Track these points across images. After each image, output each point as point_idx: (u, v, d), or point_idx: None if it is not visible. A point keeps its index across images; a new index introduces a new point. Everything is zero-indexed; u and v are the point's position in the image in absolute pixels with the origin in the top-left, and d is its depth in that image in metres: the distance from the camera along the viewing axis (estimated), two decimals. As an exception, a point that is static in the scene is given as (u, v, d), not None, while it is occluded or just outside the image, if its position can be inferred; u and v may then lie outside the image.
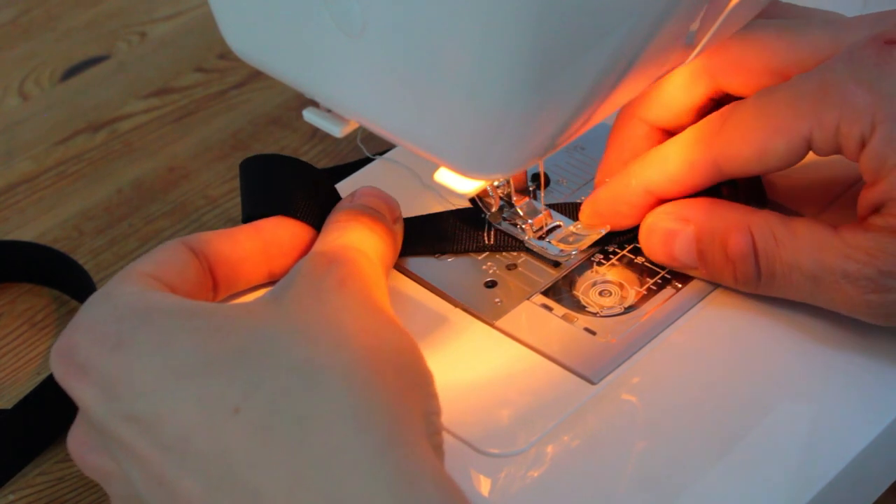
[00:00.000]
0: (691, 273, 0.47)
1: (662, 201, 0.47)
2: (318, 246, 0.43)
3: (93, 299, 0.40)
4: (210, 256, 0.44)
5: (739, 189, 0.47)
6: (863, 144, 0.42)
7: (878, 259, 0.42)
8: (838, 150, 0.43)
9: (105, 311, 0.39)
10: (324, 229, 0.45)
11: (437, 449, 0.39)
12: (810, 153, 0.44)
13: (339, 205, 0.46)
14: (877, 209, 0.43)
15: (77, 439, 0.40)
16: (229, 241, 0.45)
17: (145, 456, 0.36)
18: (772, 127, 0.43)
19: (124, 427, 0.37)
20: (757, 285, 0.45)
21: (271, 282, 0.46)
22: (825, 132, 0.42)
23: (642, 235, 0.47)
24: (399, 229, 0.47)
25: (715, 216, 0.45)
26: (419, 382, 0.39)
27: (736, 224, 0.45)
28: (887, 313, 0.43)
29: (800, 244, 0.43)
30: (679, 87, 0.47)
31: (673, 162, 0.46)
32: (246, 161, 0.49)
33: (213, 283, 0.44)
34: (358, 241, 0.43)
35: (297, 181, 0.47)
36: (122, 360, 0.37)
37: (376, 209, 0.46)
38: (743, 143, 0.44)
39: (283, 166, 0.48)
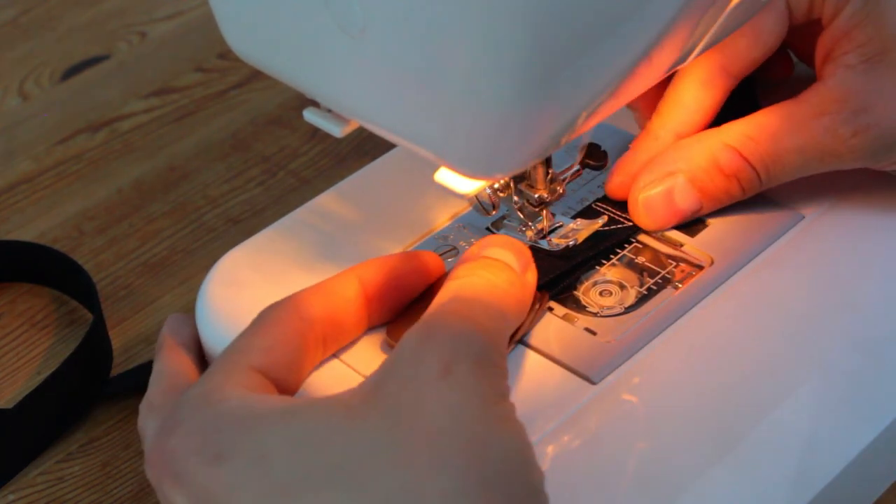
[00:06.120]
0: (696, 216, 0.49)
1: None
2: (429, 310, 0.40)
3: (194, 401, 0.38)
4: (319, 319, 0.42)
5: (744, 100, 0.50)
6: None
7: (847, 101, 0.45)
8: (810, 4, 0.47)
9: (205, 420, 0.37)
10: (454, 270, 0.42)
11: None
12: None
13: (462, 256, 0.43)
14: (830, 52, 0.45)
15: None
16: (331, 296, 0.43)
17: None
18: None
19: None
20: (760, 185, 0.47)
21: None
22: None
23: (641, 215, 0.48)
24: (531, 279, 0.43)
25: (691, 155, 0.47)
26: (530, 490, 0.36)
27: (715, 148, 0.47)
28: (874, 152, 0.45)
29: (773, 129, 0.46)
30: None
31: (687, 95, 0.48)
32: None
33: (324, 344, 0.43)
34: (472, 298, 0.40)
35: None
36: (219, 474, 0.36)
37: (502, 258, 0.42)
38: (738, 35, 0.47)
39: None
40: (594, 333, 0.46)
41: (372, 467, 0.35)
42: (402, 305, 0.46)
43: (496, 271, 0.41)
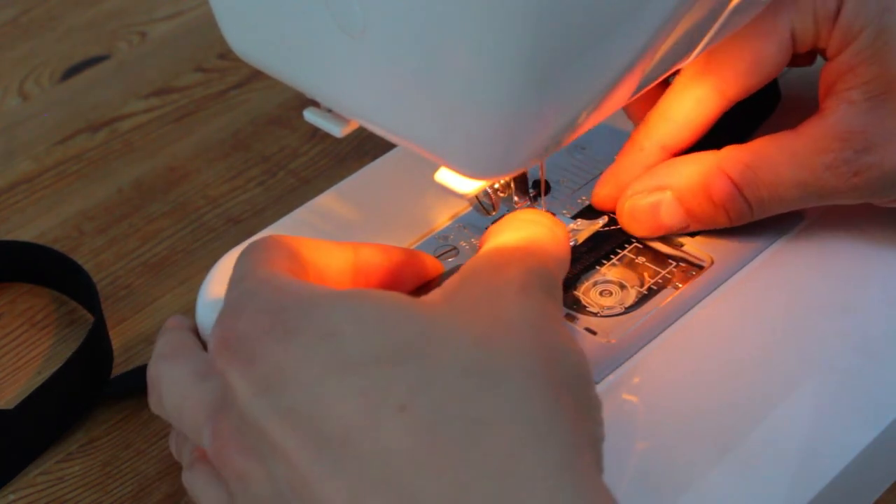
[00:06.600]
0: (682, 232, 0.48)
1: (675, 155, 0.48)
2: (493, 241, 0.41)
3: (253, 287, 0.38)
4: (309, 261, 0.42)
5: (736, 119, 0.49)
6: (836, 18, 0.44)
7: (850, 140, 0.44)
8: (816, 36, 0.45)
9: (271, 300, 0.37)
10: (497, 227, 0.42)
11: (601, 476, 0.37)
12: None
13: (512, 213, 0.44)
14: (833, 85, 0.45)
15: (220, 436, 0.37)
16: (322, 252, 0.42)
17: (296, 453, 0.34)
18: (760, 34, 0.46)
19: (279, 421, 0.34)
20: (751, 216, 0.47)
21: None
22: (803, 15, 0.45)
23: (626, 220, 0.48)
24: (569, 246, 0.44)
25: (686, 173, 0.47)
26: (591, 406, 0.36)
27: (710, 171, 0.46)
28: (875, 191, 0.45)
29: (773, 161, 0.45)
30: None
31: (678, 109, 0.47)
32: None
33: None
34: (536, 241, 0.41)
35: None
36: (289, 349, 0.35)
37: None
38: (737, 60, 0.46)
39: None
40: (594, 333, 0.46)
41: (447, 346, 0.34)
42: None
43: (555, 223, 0.42)
